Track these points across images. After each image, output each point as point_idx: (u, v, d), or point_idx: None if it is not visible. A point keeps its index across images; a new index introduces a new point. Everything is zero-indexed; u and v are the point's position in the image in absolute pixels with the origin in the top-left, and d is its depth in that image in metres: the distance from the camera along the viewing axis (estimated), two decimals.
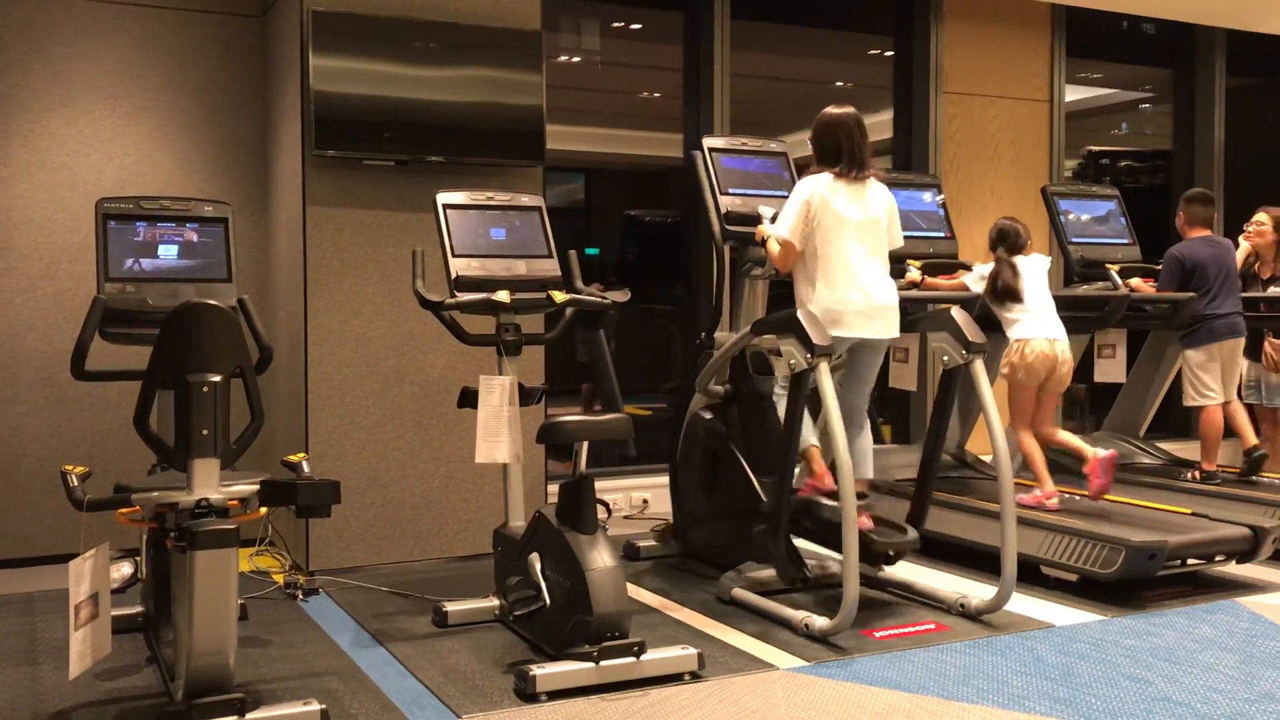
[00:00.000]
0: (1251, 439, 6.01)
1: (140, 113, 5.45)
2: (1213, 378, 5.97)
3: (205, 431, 3.12)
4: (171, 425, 3.22)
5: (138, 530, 3.72)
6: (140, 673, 3.75)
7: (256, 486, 3.32)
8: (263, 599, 4.62)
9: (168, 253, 4.15)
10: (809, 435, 4.50)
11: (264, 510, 3.41)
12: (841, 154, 4.38)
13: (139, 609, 4.13)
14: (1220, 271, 5.96)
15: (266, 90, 5.64)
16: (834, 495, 4.36)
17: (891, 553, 4.46)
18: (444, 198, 4.38)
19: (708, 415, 4.88)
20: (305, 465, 3.58)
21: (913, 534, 4.40)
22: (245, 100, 5.66)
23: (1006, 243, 5.31)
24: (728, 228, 4.84)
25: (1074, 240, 6.09)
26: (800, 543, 4.51)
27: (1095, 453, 5.00)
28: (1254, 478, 5.91)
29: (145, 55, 5.46)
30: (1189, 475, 6.05)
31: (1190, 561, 4.66)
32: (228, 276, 4.19)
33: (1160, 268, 6.14)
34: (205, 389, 3.11)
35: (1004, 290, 5.21)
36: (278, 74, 5.44)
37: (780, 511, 4.26)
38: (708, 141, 5.10)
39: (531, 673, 3.44)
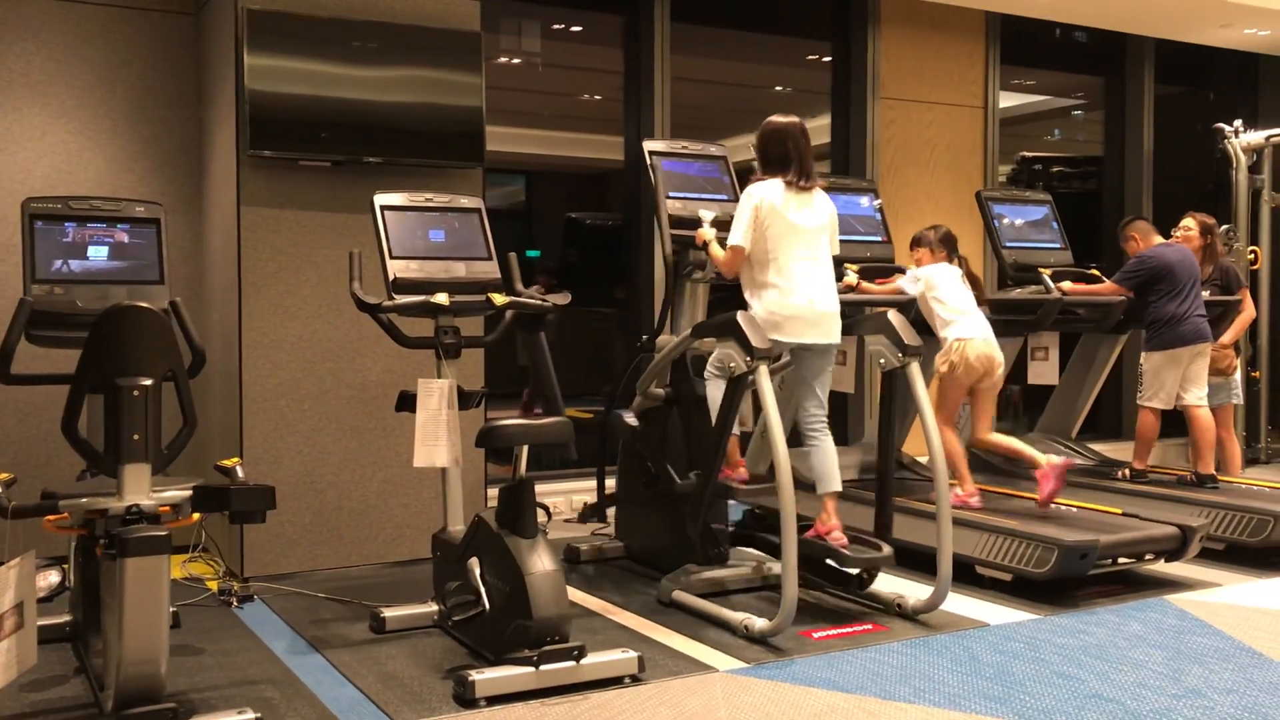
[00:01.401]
0: (1209, 466, 5.97)
1: (70, 110, 5.34)
2: (1169, 381, 6.02)
3: (136, 436, 3.07)
4: (101, 430, 3.15)
5: (66, 537, 3.64)
6: (68, 684, 3.66)
7: (189, 492, 3.27)
8: (196, 606, 4.54)
9: (98, 254, 4.07)
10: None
11: (197, 516, 3.35)
12: (790, 162, 4.41)
13: (67, 618, 4.03)
14: (1189, 276, 6.04)
15: (201, 89, 5.55)
16: (746, 484, 4.51)
17: (866, 573, 4.50)
18: (382, 199, 4.34)
19: (635, 421, 4.88)
20: (239, 470, 3.51)
21: (887, 550, 4.38)
22: (179, 99, 5.56)
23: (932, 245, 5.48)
24: (671, 231, 4.85)
25: (1008, 245, 6.18)
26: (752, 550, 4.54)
27: (1049, 459, 5.08)
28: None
29: (75, 52, 5.35)
30: (1119, 474, 6.16)
31: (1121, 560, 4.76)
32: (160, 278, 4.12)
33: (1093, 271, 6.25)
34: (136, 393, 3.06)
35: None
36: (212, 73, 5.36)
37: (701, 496, 4.32)
38: (648, 145, 5.12)
39: (470, 678, 3.41)
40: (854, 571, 4.57)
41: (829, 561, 4.60)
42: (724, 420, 4.26)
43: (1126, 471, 6.14)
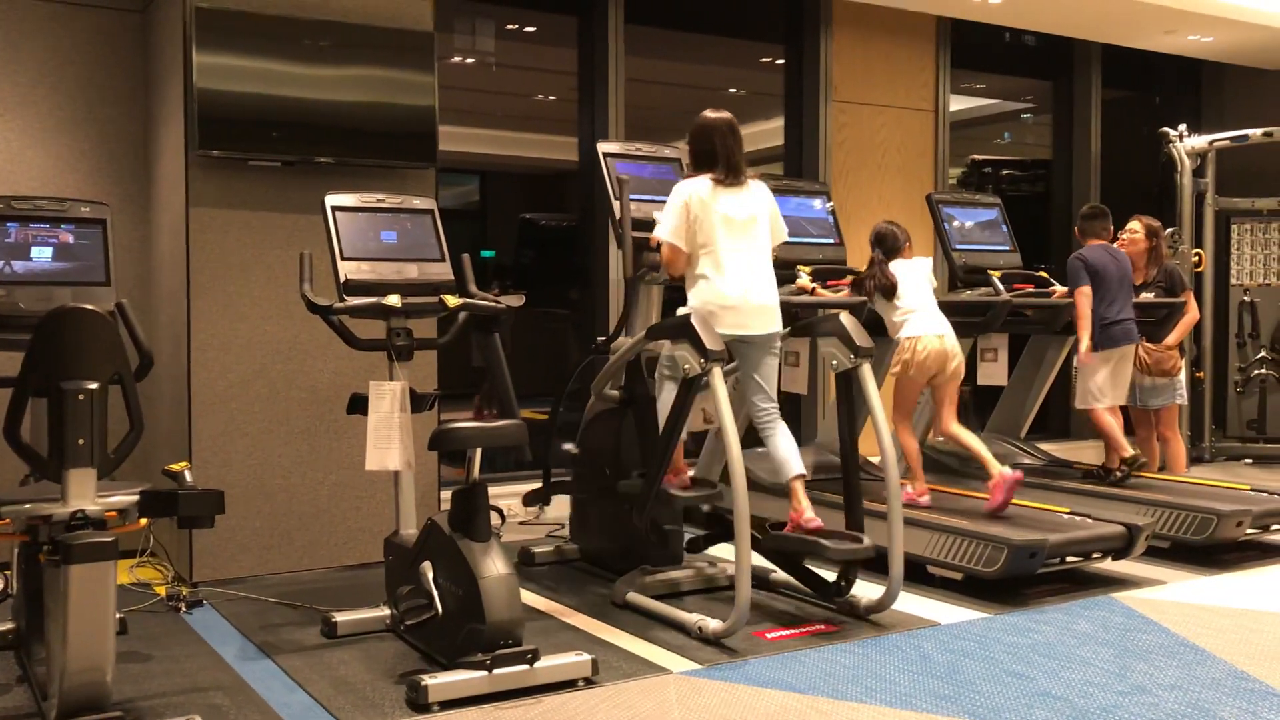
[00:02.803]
0: (1114, 462, 6.03)
1: (12, 109, 5.24)
2: (1106, 381, 6.14)
3: (81, 441, 3.03)
4: (45, 435, 3.10)
5: (8, 544, 3.58)
6: (10, 693, 3.60)
7: (136, 497, 3.23)
8: (144, 612, 4.48)
9: (41, 255, 4.00)
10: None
11: (144, 521, 3.31)
12: (717, 159, 4.43)
13: (9, 625, 3.95)
14: (1121, 279, 6.16)
15: (148, 87, 5.47)
16: (685, 488, 4.48)
17: (844, 580, 4.48)
18: (333, 200, 4.30)
19: (595, 422, 4.88)
20: (188, 474, 3.47)
21: (868, 541, 4.33)
22: (125, 97, 5.48)
23: (884, 246, 5.48)
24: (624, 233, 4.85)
25: (958, 247, 6.25)
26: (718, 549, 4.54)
27: (1002, 470, 5.13)
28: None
29: (18, 49, 5.25)
30: (1114, 474, 5.97)
31: (1069, 559, 4.82)
32: (106, 280, 4.06)
33: (1041, 273, 6.33)
34: (81, 397, 3.02)
35: (886, 288, 5.34)
36: (159, 71, 5.29)
37: (648, 492, 4.32)
38: (602, 146, 5.12)
39: (423, 683, 3.39)
40: (832, 579, 4.55)
41: (807, 565, 4.62)
42: (673, 422, 4.26)
43: (1117, 473, 5.99)
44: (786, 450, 4.42)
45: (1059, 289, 6.21)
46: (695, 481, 4.64)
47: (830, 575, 4.56)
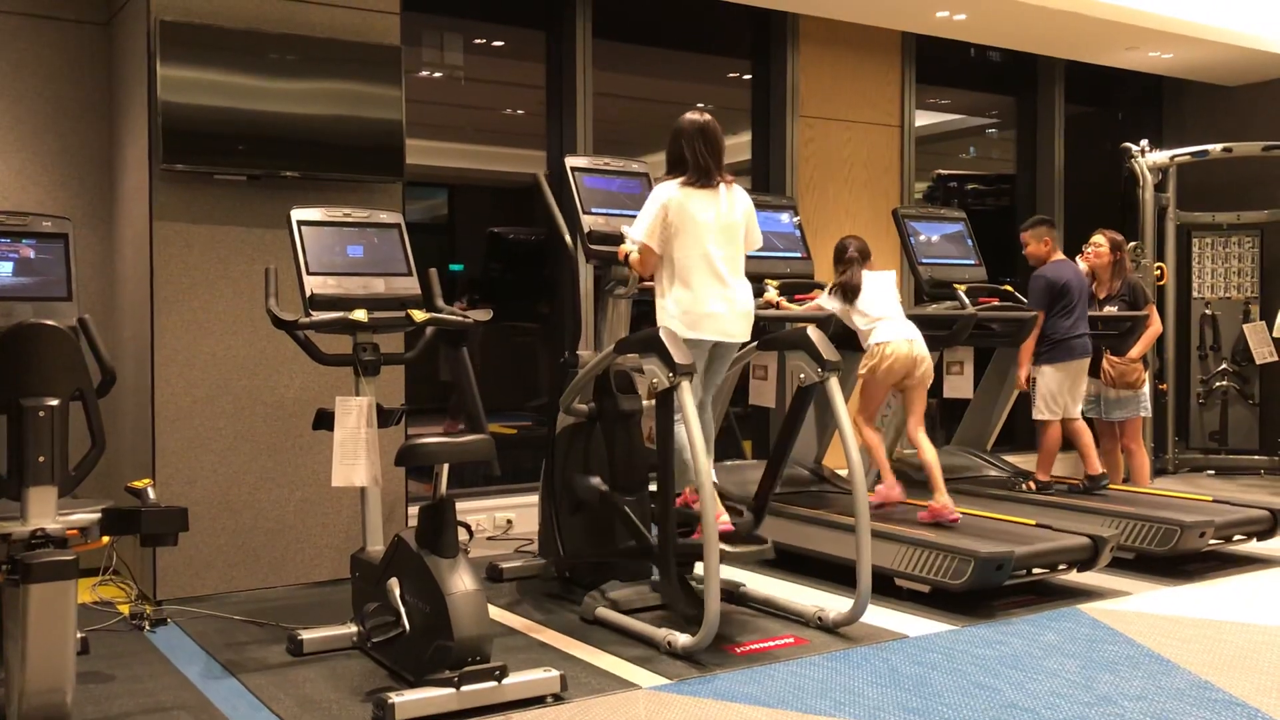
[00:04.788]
0: (1096, 467, 6.18)
1: None
2: (1065, 394, 6.22)
3: (42, 458, 3.00)
4: (4, 452, 3.06)
5: None
6: None
7: (98, 515, 3.20)
8: (106, 631, 4.42)
9: (2, 270, 3.97)
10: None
11: (106, 539, 3.28)
12: (685, 163, 4.45)
13: None
14: (1081, 293, 6.25)
15: (112, 101, 5.43)
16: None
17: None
18: (299, 214, 4.28)
19: (565, 438, 4.87)
20: (151, 491, 3.44)
21: (767, 543, 4.43)
22: (88, 111, 5.42)
23: (859, 249, 5.57)
24: (591, 247, 4.86)
25: (923, 261, 6.30)
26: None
27: (945, 503, 5.20)
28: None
29: None
30: (1023, 485, 6.27)
31: (1035, 571, 4.85)
32: (68, 295, 4.03)
33: (1006, 287, 6.38)
34: (41, 413, 2.99)
35: (850, 288, 5.41)
36: (124, 84, 5.24)
37: (666, 552, 4.22)
38: (570, 160, 5.12)
39: (390, 700, 3.37)
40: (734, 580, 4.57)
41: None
42: (664, 443, 4.20)
43: (1030, 484, 6.24)
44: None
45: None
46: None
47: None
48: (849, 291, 5.45)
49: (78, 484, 3.12)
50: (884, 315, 5.43)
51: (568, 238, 5.05)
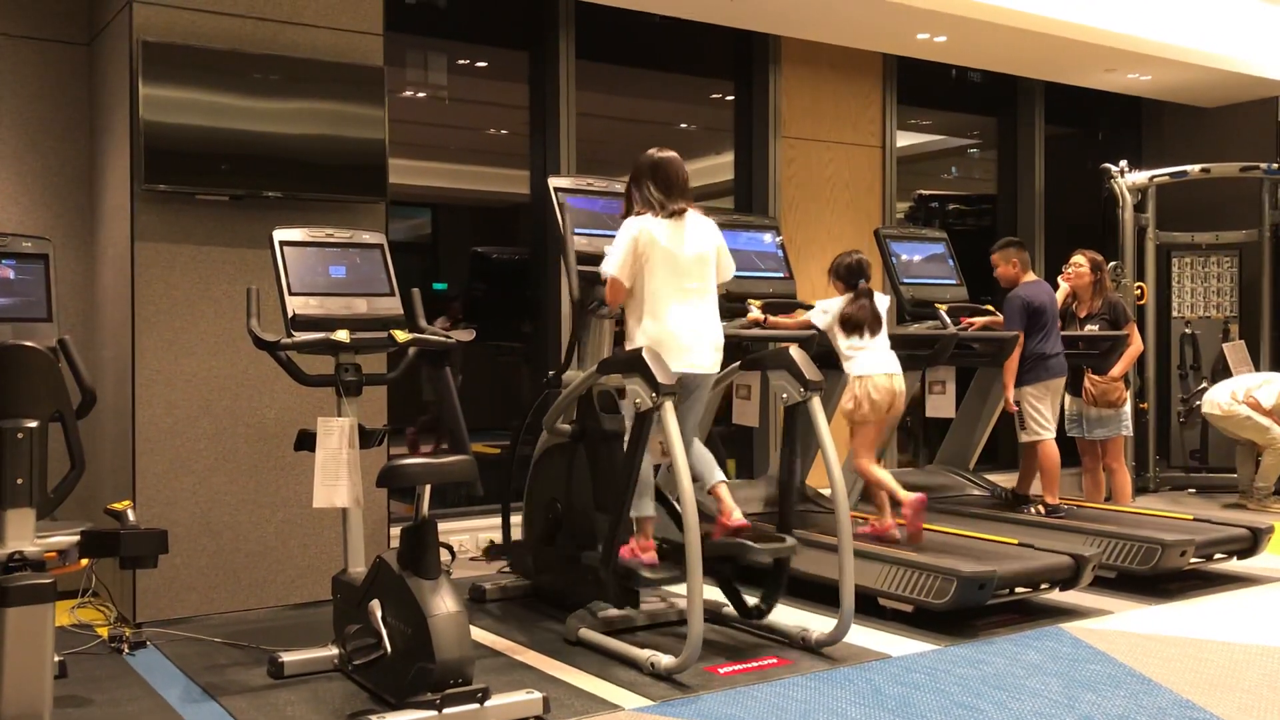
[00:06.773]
0: (1056, 498, 6.19)
1: None
2: (1049, 413, 6.25)
3: (20, 480, 2.98)
4: None
5: None
6: None
7: (77, 537, 3.18)
8: (85, 654, 4.38)
9: None
10: (646, 504, 4.47)
11: (85, 562, 3.25)
12: (648, 201, 4.46)
13: None
14: (1054, 314, 6.30)
15: (93, 121, 5.41)
16: (651, 567, 4.39)
17: (764, 603, 4.54)
18: (281, 234, 4.27)
19: (549, 458, 4.87)
20: (130, 513, 3.43)
21: (790, 540, 4.45)
22: (70, 131, 5.41)
23: (865, 275, 5.47)
24: (576, 268, 4.86)
25: (905, 281, 6.33)
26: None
27: (906, 495, 5.20)
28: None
29: None
30: (1034, 510, 6.20)
31: (1018, 590, 4.85)
32: (48, 316, 4.02)
33: (987, 307, 6.41)
34: (20, 435, 2.97)
35: (856, 323, 5.35)
36: (105, 104, 5.23)
37: (613, 537, 4.31)
38: (554, 181, 5.13)
39: None
40: (752, 603, 4.60)
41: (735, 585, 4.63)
42: (632, 461, 4.24)
43: (1040, 508, 6.17)
44: (707, 460, 4.53)
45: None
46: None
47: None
48: (852, 327, 5.38)
49: (56, 506, 3.11)
50: (868, 344, 5.38)
51: (573, 262, 4.96)
